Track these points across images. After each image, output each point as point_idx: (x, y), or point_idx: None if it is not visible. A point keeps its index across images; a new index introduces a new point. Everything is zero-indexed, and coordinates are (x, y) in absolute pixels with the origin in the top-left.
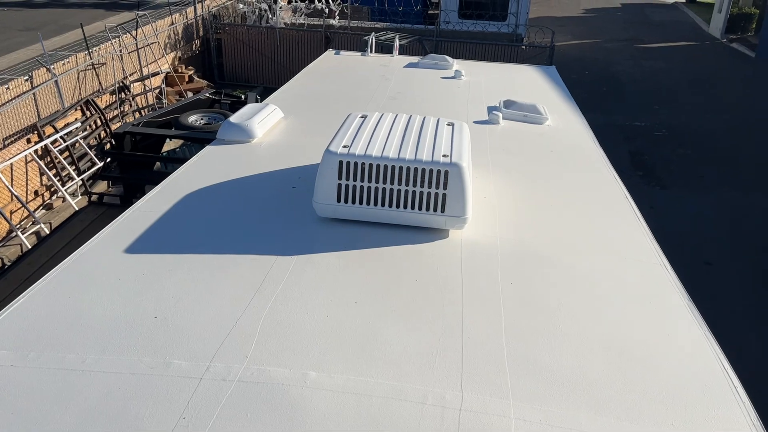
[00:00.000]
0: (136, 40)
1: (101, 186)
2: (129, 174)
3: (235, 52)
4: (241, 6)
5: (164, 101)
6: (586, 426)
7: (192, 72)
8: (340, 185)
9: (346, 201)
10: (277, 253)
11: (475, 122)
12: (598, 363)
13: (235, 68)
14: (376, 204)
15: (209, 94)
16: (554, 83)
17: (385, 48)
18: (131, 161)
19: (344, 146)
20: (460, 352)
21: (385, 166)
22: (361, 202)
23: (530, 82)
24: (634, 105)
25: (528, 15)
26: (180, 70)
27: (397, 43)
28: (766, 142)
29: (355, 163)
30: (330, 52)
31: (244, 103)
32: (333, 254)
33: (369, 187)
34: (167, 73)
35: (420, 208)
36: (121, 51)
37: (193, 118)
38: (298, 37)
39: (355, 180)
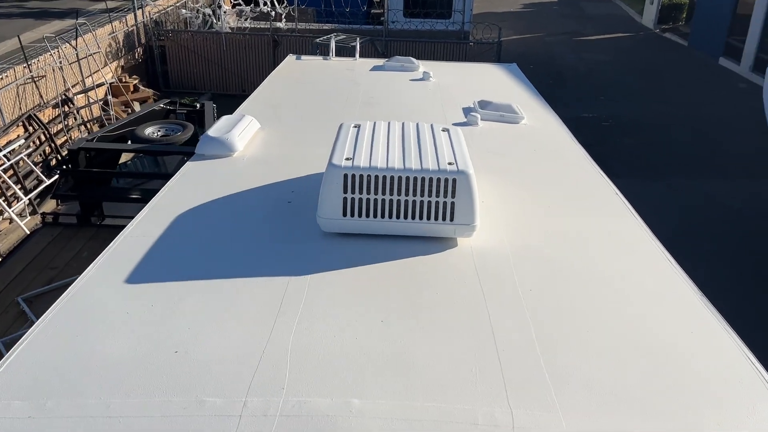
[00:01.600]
0: (76, 50)
1: (50, 205)
2: (86, 191)
3: (180, 59)
4: (183, 11)
5: (111, 113)
6: (665, 426)
7: (137, 81)
8: (345, 199)
9: (352, 215)
10: (289, 274)
11: (454, 124)
12: (633, 367)
13: (180, 75)
14: (383, 216)
15: (164, 104)
16: (519, 80)
17: (338, 51)
18: (88, 178)
19: (347, 158)
20: (499, 366)
21: (392, 177)
22: (367, 215)
23: (497, 81)
24: (580, 97)
25: (472, 12)
26: (124, 80)
27: (358, 45)
28: (708, 130)
29: (361, 176)
30: (291, 58)
31: (200, 112)
32: (346, 271)
33: (375, 200)
34: (111, 83)
35: (428, 218)
36: (61, 62)
37: (150, 130)
38: (244, 41)
39: (360, 193)
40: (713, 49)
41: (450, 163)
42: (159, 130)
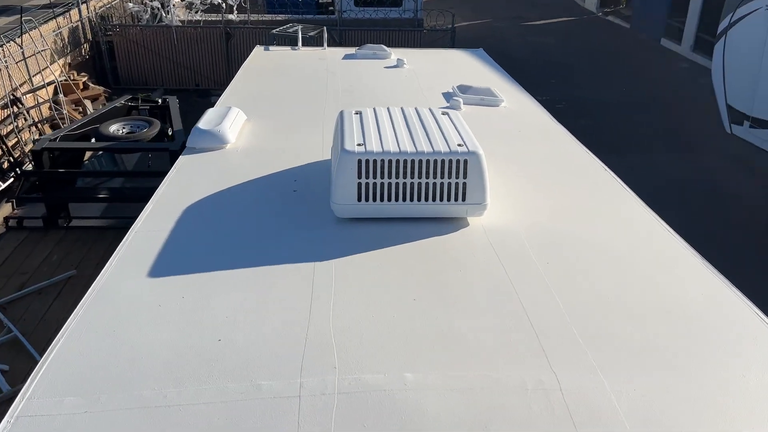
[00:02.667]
0: (21, 48)
1: (5, 209)
2: (52, 193)
3: (129, 54)
4: (130, 5)
5: (64, 112)
6: (679, 390)
7: (86, 78)
8: (360, 184)
9: (366, 199)
10: (313, 260)
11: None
12: (656, 327)
13: (130, 71)
14: (396, 199)
15: (125, 100)
16: (489, 65)
17: (293, 41)
18: (53, 179)
19: (359, 144)
20: (534, 334)
21: (405, 161)
22: (381, 199)
23: (468, 66)
24: (532, 80)
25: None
26: (72, 77)
27: (325, 35)
28: (657, 108)
29: (374, 161)
30: (259, 49)
31: (164, 108)
32: (368, 254)
33: (389, 183)
34: (62, 81)
35: (440, 199)
36: (6, 61)
37: (115, 128)
38: (196, 34)
39: (375, 177)
40: (655, 30)
41: (459, 145)
42: (124, 128)
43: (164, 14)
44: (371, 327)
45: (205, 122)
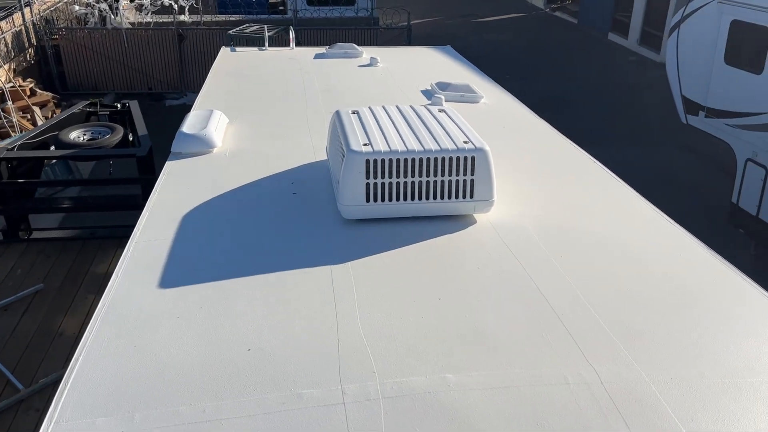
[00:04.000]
0: None
1: None
2: (11, 204)
3: (77, 58)
4: (76, 8)
5: (14, 120)
6: (714, 376)
7: (32, 84)
8: (368, 185)
9: (375, 200)
10: (328, 263)
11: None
12: (677, 317)
13: (79, 76)
14: (404, 199)
15: (83, 106)
16: (460, 62)
17: (251, 41)
18: (12, 190)
19: (365, 144)
20: (564, 329)
21: (413, 160)
22: (389, 199)
23: (439, 63)
24: (488, 77)
25: None
26: (18, 83)
27: (292, 35)
28: (610, 101)
29: (382, 160)
30: (226, 50)
31: (124, 113)
32: (382, 255)
33: (397, 183)
34: (9, 87)
35: (448, 197)
36: None
37: (75, 134)
38: (147, 37)
39: (383, 177)
40: (602, 25)
41: (465, 142)
42: (84, 134)
43: (112, 16)
44: (402, 329)
45: (189, 126)
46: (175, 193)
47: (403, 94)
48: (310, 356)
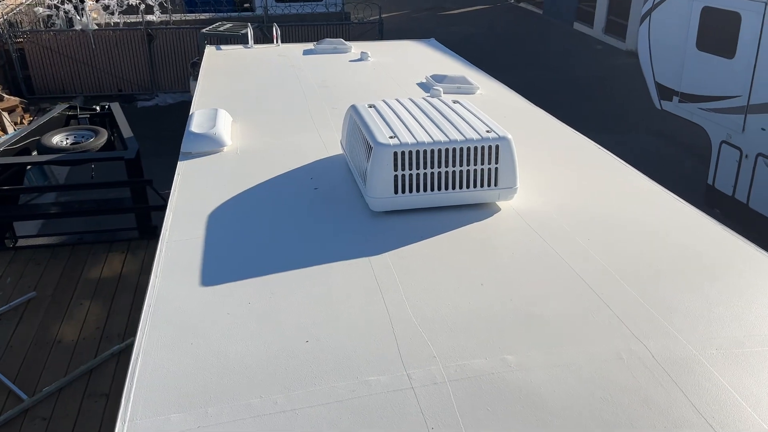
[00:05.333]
0: None
1: None
2: None
3: (43, 61)
4: (40, 10)
5: None
6: (751, 344)
7: None
8: (396, 176)
9: (402, 191)
10: (366, 254)
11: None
12: (708, 291)
13: (45, 79)
14: (431, 189)
15: (63, 110)
16: (447, 54)
17: (225, 39)
18: None
19: (391, 137)
20: (607, 307)
21: (439, 150)
22: (417, 190)
23: (427, 56)
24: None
25: None
26: None
27: (277, 32)
28: (582, 90)
29: (410, 152)
30: (211, 49)
31: (104, 115)
32: (417, 245)
33: (425, 174)
34: None
35: (474, 186)
36: None
37: (58, 139)
38: (115, 38)
39: (410, 169)
40: (567, 15)
41: (488, 131)
42: (67, 138)
43: (78, 18)
44: (453, 314)
45: (197, 125)
46: (195, 193)
47: (399, 87)
48: (368, 345)
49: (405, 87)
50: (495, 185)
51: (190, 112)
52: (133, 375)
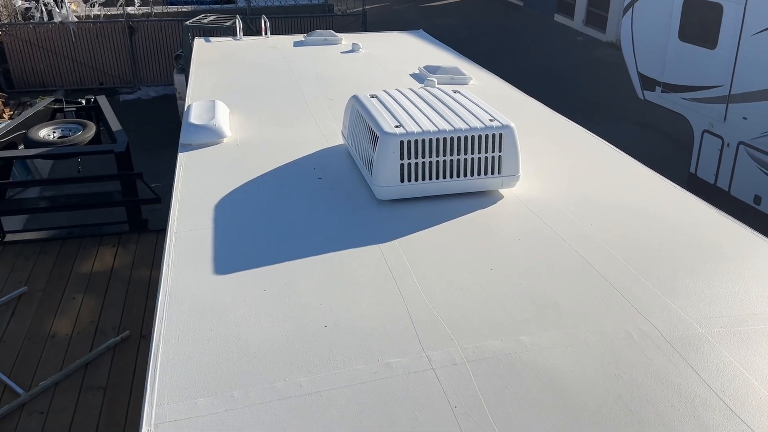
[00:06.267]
0: None
1: None
2: None
3: (22, 55)
4: (19, 2)
5: None
6: (755, 322)
7: None
8: (402, 165)
9: (409, 180)
10: (375, 242)
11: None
12: (709, 272)
13: (25, 73)
14: (437, 177)
15: (49, 103)
16: (436, 45)
17: (209, 32)
18: None
19: (396, 126)
20: (617, 291)
21: (444, 139)
22: (423, 178)
23: (417, 47)
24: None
25: None
26: None
27: (266, 24)
28: (565, 81)
29: (415, 141)
30: (200, 41)
31: (91, 108)
32: (425, 232)
33: (430, 162)
34: None
35: (478, 174)
36: None
37: (45, 132)
38: (96, 30)
39: (416, 157)
40: (548, 7)
41: (491, 120)
42: (54, 132)
43: (57, 10)
44: (466, 298)
45: (195, 117)
46: (199, 184)
47: (393, 78)
48: (386, 329)
49: (399, 78)
50: (498, 173)
51: (187, 104)
52: (156, 361)
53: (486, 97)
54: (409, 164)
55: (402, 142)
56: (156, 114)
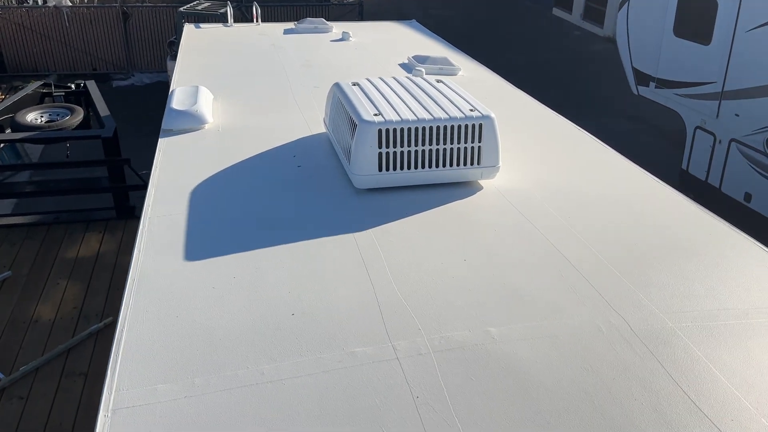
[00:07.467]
0: None
1: None
2: None
3: (15, 38)
4: None
5: None
6: (721, 316)
7: None
8: (380, 154)
9: (387, 169)
10: (350, 230)
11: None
12: (683, 266)
13: (18, 57)
14: (415, 167)
15: (37, 87)
16: (428, 35)
17: (203, 18)
18: None
19: (375, 114)
20: (585, 280)
21: (423, 128)
22: (401, 168)
23: (409, 37)
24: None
25: None
26: None
27: (257, 11)
28: (562, 76)
29: (394, 130)
30: (190, 27)
31: (80, 93)
32: (401, 222)
33: (409, 152)
34: None
35: (457, 164)
36: None
37: (33, 116)
38: (89, 15)
39: (395, 146)
40: (545, 0)
41: (471, 110)
42: (42, 116)
43: None
44: (436, 288)
45: (178, 102)
46: (177, 170)
47: (382, 67)
48: (354, 318)
49: (387, 67)
50: (478, 164)
51: (171, 90)
52: (119, 347)
53: (474, 88)
54: (387, 153)
55: (380, 131)
56: (149, 100)
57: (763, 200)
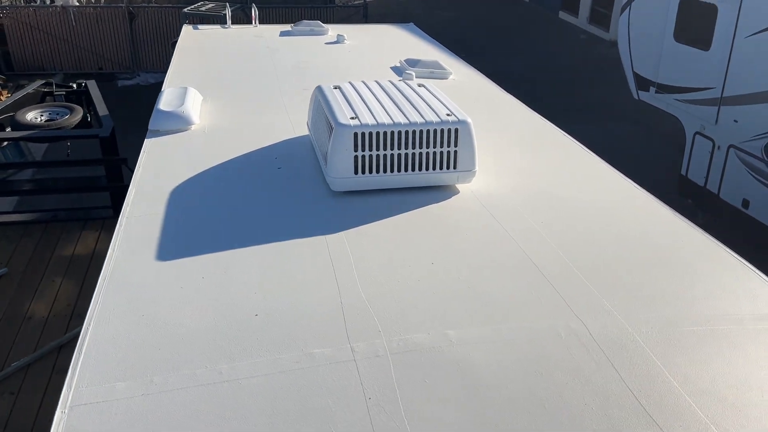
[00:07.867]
0: None
1: None
2: None
3: (22, 37)
4: None
5: None
6: (683, 322)
7: None
8: (356, 157)
9: (363, 172)
10: (322, 233)
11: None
12: (652, 274)
13: (24, 56)
14: (391, 170)
15: (38, 86)
16: (424, 39)
17: (207, 20)
18: None
19: (352, 118)
20: (551, 286)
21: (399, 132)
22: (377, 171)
23: (404, 41)
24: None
25: None
26: None
27: (255, 13)
28: (566, 79)
29: (370, 133)
30: (188, 28)
31: (80, 93)
32: (374, 224)
33: (385, 155)
34: None
35: (433, 168)
36: None
37: (33, 115)
38: (96, 15)
39: (371, 150)
40: (552, 3)
41: (448, 114)
42: (42, 115)
43: None
44: (401, 291)
45: (165, 103)
46: (159, 170)
47: (373, 70)
48: (316, 319)
49: (378, 70)
50: (454, 168)
51: (161, 90)
52: (82, 344)
53: (463, 93)
54: (363, 156)
55: (356, 134)
56: (153, 100)
57: (760, 207)
